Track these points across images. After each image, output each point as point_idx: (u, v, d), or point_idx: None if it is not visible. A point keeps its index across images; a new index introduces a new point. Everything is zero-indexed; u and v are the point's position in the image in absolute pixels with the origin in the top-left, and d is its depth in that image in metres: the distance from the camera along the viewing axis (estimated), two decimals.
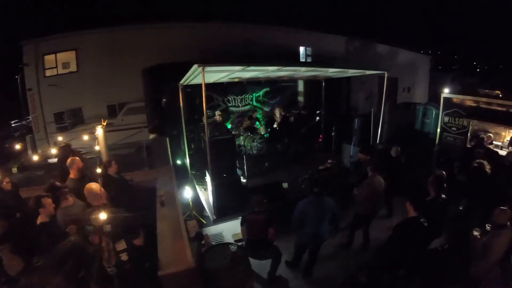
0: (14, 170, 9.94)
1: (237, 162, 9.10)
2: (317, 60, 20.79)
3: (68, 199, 5.33)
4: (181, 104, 9.33)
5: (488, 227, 4.82)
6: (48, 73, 16.23)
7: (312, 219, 5.57)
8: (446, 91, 11.43)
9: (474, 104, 10.44)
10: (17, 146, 11.94)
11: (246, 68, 7.29)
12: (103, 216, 4.09)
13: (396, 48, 26.08)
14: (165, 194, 6.27)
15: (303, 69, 8.73)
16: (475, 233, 4.78)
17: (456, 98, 11.00)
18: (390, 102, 14.46)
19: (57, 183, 5.57)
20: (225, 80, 10.00)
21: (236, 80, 10.31)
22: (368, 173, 6.63)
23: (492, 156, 8.18)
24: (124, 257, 4.22)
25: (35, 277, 4.97)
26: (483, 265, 4.59)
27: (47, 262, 4.72)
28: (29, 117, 16.99)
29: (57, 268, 4.59)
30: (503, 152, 8.85)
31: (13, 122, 21.38)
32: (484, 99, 10.37)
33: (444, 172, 6.17)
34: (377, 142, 10.12)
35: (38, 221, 4.69)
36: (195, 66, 6.17)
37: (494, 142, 9.68)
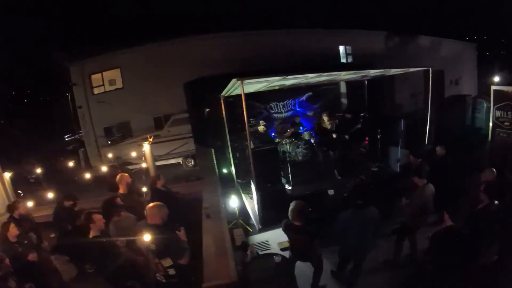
0: None
1: (281, 170, 9.14)
2: (358, 59, 20.37)
3: (120, 213, 5.70)
4: (224, 115, 9.44)
5: None
6: (96, 91, 17.00)
7: (354, 232, 5.33)
8: (496, 81, 10.71)
9: None
10: (70, 163, 12.63)
11: (285, 78, 7.29)
12: (147, 237, 4.27)
13: (439, 38, 24.96)
14: (210, 206, 6.37)
15: (343, 73, 8.61)
16: None
17: (507, 89, 9.98)
18: (437, 98, 13.83)
19: (117, 200, 5.97)
20: (265, 89, 10.06)
21: (277, 88, 10.32)
22: (415, 182, 6.12)
23: None
24: (171, 271, 4.40)
25: (87, 283, 5.75)
26: None
27: (98, 270, 5.15)
28: (81, 131, 17.86)
29: (108, 276, 4.92)
30: None
31: (66, 136, 22.50)
32: None
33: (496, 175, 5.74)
34: (426, 142, 9.74)
35: (90, 235, 4.98)
36: (233, 80, 6.26)
37: None
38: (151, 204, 4.65)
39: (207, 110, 10.64)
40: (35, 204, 7.48)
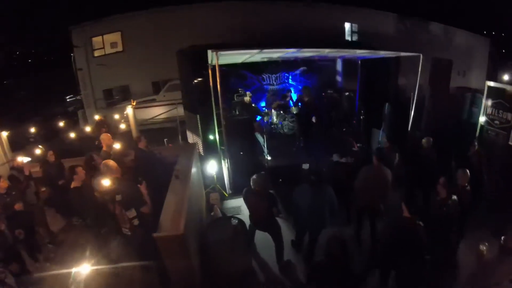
0: None
1: (263, 141, 9.35)
2: (364, 39, 20.15)
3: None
4: (211, 83, 9.56)
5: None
6: (96, 53, 17.26)
7: (308, 206, 5.54)
8: (505, 79, 10.37)
9: None
10: (61, 124, 13.05)
11: (262, 51, 7.33)
12: (106, 181, 4.81)
13: (452, 27, 24.44)
14: (181, 168, 6.61)
15: (326, 50, 8.61)
16: (481, 247, 4.32)
17: (502, 87, 9.56)
18: (441, 87, 13.60)
19: (96, 158, 6.53)
20: (256, 60, 10.15)
21: (265, 60, 10.39)
22: (373, 162, 6.21)
23: None
24: (135, 222, 4.86)
25: (72, 233, 6.54)
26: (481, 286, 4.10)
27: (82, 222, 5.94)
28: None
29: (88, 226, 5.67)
30: None
31: (68, 97, 22.79)
32: None
33: (467, 174, 5.55)
34: (409, 129, 9.77)
35: (72, 185, 5.56)
36: (209, 51, 6.39)
37: None
38: (103, 162, 5.23)
39: (197, 78, 10.76)
40: (32, 161, 7.85)
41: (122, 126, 9.29)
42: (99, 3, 17.75)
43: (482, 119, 10.03)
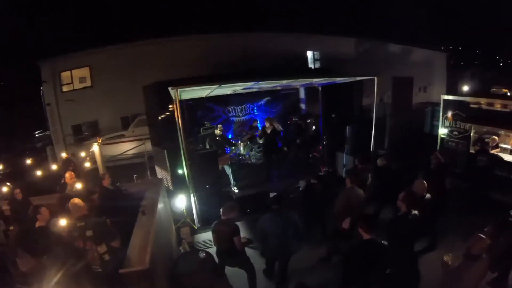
0: None
1: (230, 173, 9.54)
2: (326, 64, 20.81)
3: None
4: (176, 118, 9.73)
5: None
6: (65, 88, 17.21)
7: (272, 234, 5.71)
8: (464, 90, 10.72)
9: (475, 106, 9.80)
10: (28, 161, 12.89)
11: (221, 86, 7.60)
12: (62, 222, 5.09)
13: (409, 46, 25.62)
14: (148, 204, 6.71)
15: (284, 81, 8.94)
16: (445, 258, 4.29)
17: (457, 99, 10.37)
18: (402, 104, 14.17)
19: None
20: (220, 93, 10.42)
21: (228, 93, 10.69)
22: (346, 183, 6.53)
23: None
24: (106, 257, 4.94)
25: (42, 272, 5.76)
26: None
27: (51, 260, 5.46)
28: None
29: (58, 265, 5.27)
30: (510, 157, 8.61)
31: (37, 132, 22.46)
32: (486, 100, 9.81)
33: (423, 184, 5.94)
34: (371, 149, 10.10)
35: (36, 225, 5.59)
36: (169, 88, 6.61)
37: (501, 144, 9.16)
38: (70, 201, 5.25)
39: (163, 113, 10.96)
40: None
41: (87, 164, 9.31)
42: (67, 38, 17.78)
43: (441, 131, 10.58)
